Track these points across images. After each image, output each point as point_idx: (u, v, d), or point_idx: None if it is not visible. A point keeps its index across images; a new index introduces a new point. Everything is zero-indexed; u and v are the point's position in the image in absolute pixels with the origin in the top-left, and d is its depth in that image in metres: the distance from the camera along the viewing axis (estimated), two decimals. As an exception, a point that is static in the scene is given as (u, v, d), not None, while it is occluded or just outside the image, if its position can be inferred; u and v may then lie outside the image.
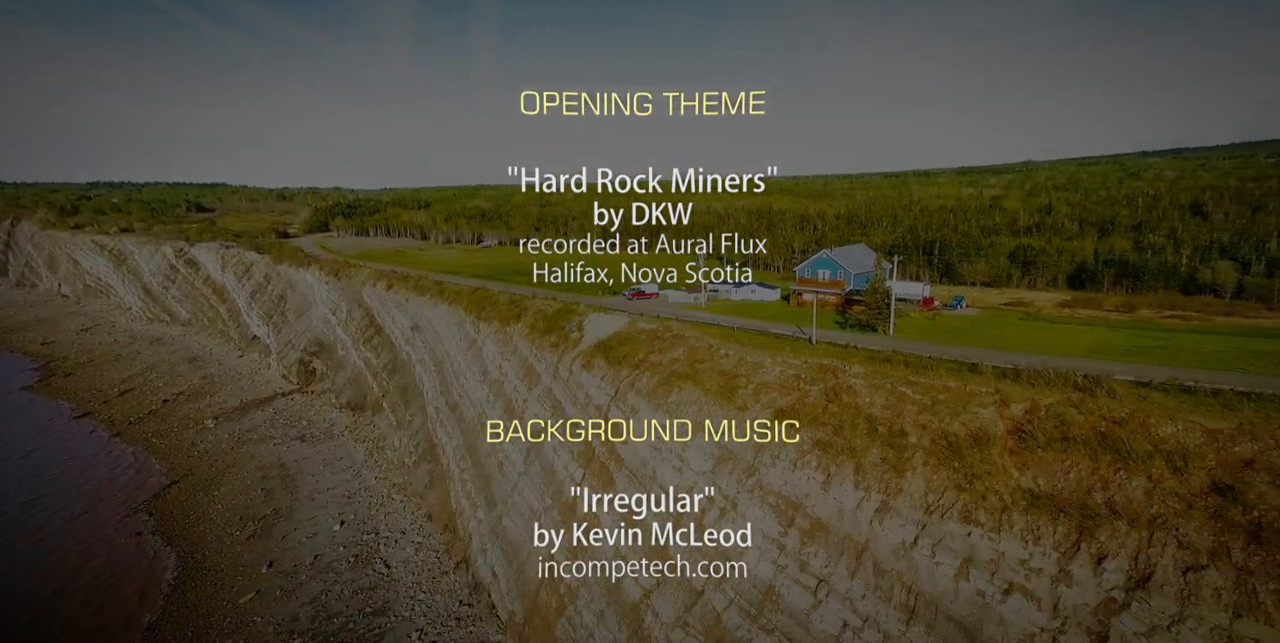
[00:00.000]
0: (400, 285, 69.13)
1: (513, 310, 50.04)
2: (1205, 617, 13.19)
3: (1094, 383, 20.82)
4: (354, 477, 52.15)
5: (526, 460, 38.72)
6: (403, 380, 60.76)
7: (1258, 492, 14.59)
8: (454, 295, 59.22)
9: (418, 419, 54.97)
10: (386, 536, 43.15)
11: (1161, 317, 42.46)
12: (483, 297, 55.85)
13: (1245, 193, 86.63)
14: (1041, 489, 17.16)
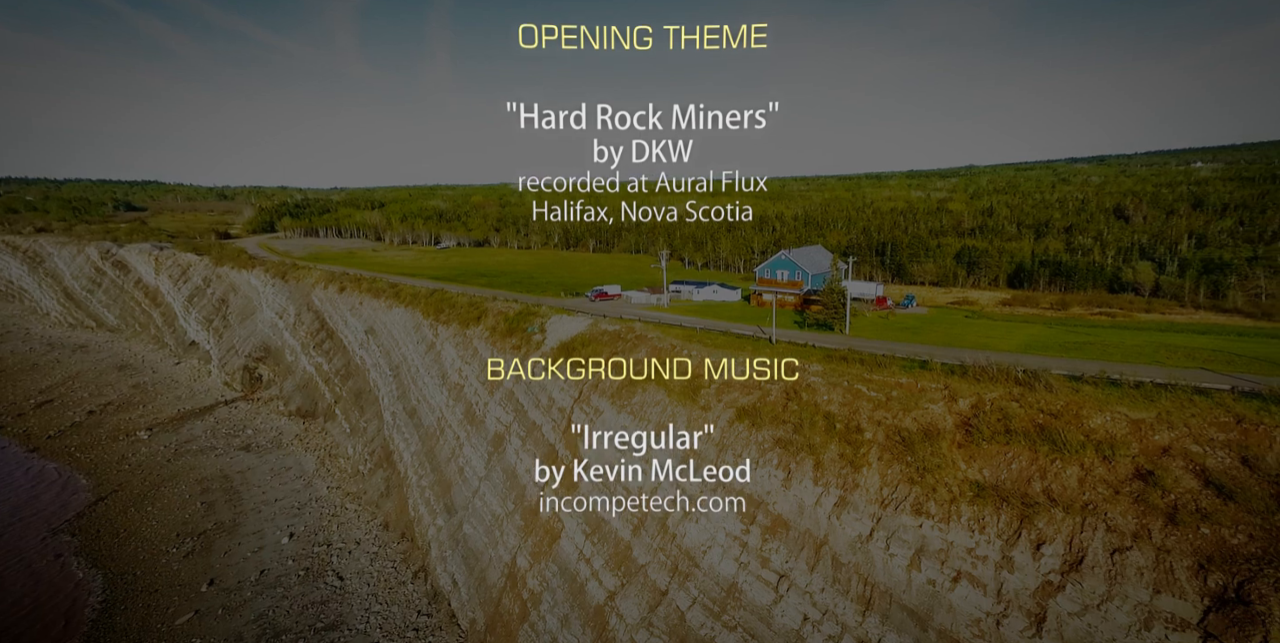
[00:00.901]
0: (353, 288, 66.60)
1: (473, 313, 48.98)
2: (1130, 595, 14.19)
3: (1033, 378, 22.03)
4: (304, 487, 49.87)
5: (488, 465, 37.97)
6: (357, 386, 58.53)
7: (1174, 476, 15.79)
8: (411, 298, 57.49)
9: (373, 425, 53.07)
10: (340, 546, 41.46)
11: (1090, 314, 45.43)
12: (441, 299, 54.44)
13: (1160, 198, 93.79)
14: (986, 480, 18.05)
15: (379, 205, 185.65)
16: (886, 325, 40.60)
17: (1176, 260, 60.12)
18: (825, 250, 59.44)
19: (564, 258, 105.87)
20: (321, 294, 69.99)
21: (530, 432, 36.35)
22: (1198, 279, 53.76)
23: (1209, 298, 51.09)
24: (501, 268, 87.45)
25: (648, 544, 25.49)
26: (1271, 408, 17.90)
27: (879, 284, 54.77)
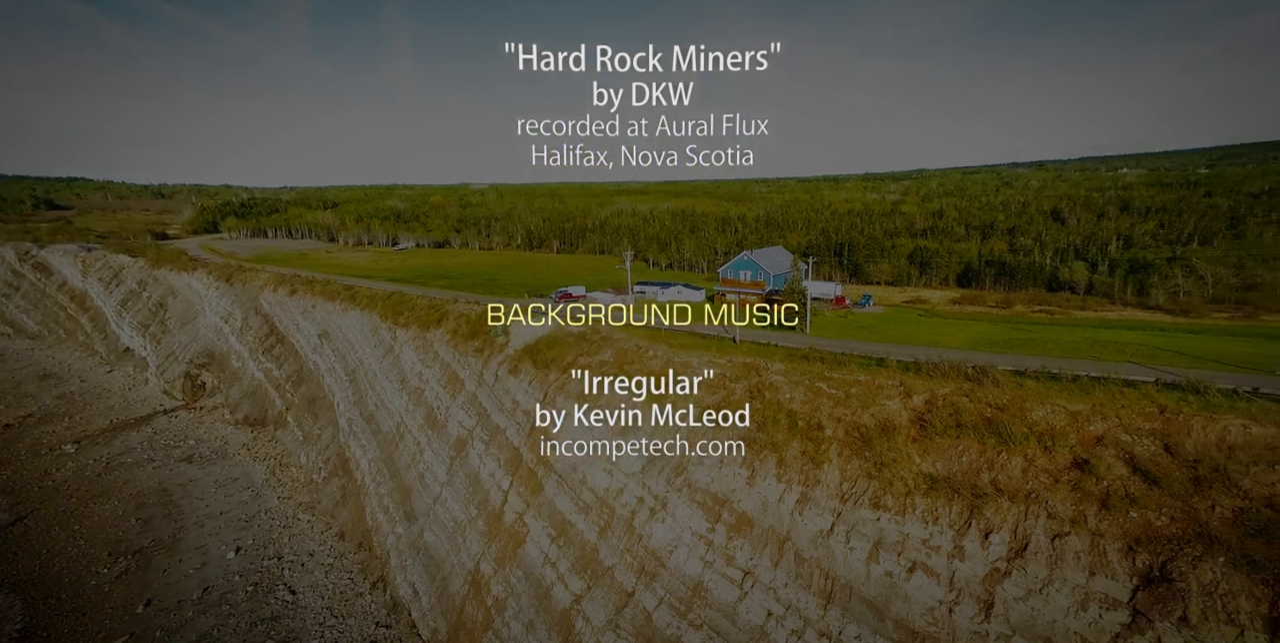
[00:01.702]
0: (306, 290, 63.95)
1: (433, 315, 47.79)
2: (1068, 578, 15.08)
3: (981, 373, 23.10)
4: (253, 498, 47.53)
5: (450, 471, 37.12)
6: (310, 392, 56.20)
7: (1106, 464, 16.86)
8: (367, 300, 55.63)
9: (328, 433, 51.07)
10: (291, 559, 39.69)
11: (1032, 311, 48.03)
12: (399, 301, 52.88)
13: (1092, 202, 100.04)
14: (939, 473, 18.81)
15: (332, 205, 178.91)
16: (845, 324, 41.80)
17: (1107, 260, 64.26)
18: (786, 251, 60.74)
19: (527, 259, 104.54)
20: (271, 297, 66.91)
21: (494, 435, 35.75)
22: (1125, 278, 57.61)
23: (1135, 296, 54.81)
24: (463, 269, 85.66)
25: (614, 546, 25.43)
26: (1189, 398, 19.34)
27: (838, 284, 56.39)
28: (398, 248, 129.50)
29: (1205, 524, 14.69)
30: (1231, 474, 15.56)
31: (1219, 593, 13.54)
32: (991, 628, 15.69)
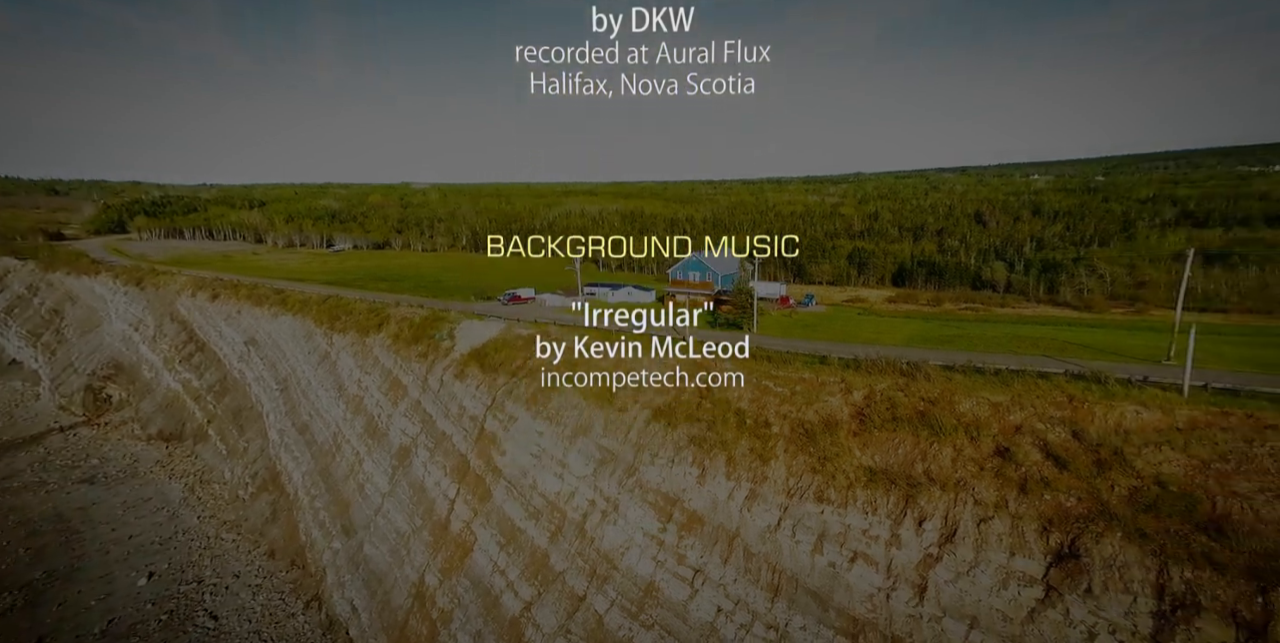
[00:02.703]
0: (230, 295, 59.65)
1: (373, 319, 45.70)
2: (992, 559, 16.21)
3: (914, 369, 24.41)
4: (168, 519, 43.84)
5: (392, 481, 35.62)
6: (235, 403, 52.45)
7: (1024, 451, 18.23)
8: (300, 305, 52.52)
9: (256, 445, 47.84)
10: (214, 583, 36.90)
11: (959, 309, 51.28)
12: (336, 305, 50.25)
13: (1009, 206, 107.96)
14: (878, 465, 19.74)
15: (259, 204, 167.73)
16: (790, 323, 43.14)
17: (1022, 261, 69.52)
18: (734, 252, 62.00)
19: (473, 260, 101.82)
20: (189, 302, 61.97)
21: (440, 442, 34.61)
22: (1038, 277, 62.50)
23: (1047, 293, 59.54)
24: (405, 271, 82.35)
25: (565, 550, 25.17)
26: (1092, 387, 21.19)
27: (782, 284, 58.13)
28: (333, 249, 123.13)
29: (1106, 503, 16.15)
30: (1127, 456, 17.17)
31: (1117, 565, 14.92)
32: (924, 611, 16.62)
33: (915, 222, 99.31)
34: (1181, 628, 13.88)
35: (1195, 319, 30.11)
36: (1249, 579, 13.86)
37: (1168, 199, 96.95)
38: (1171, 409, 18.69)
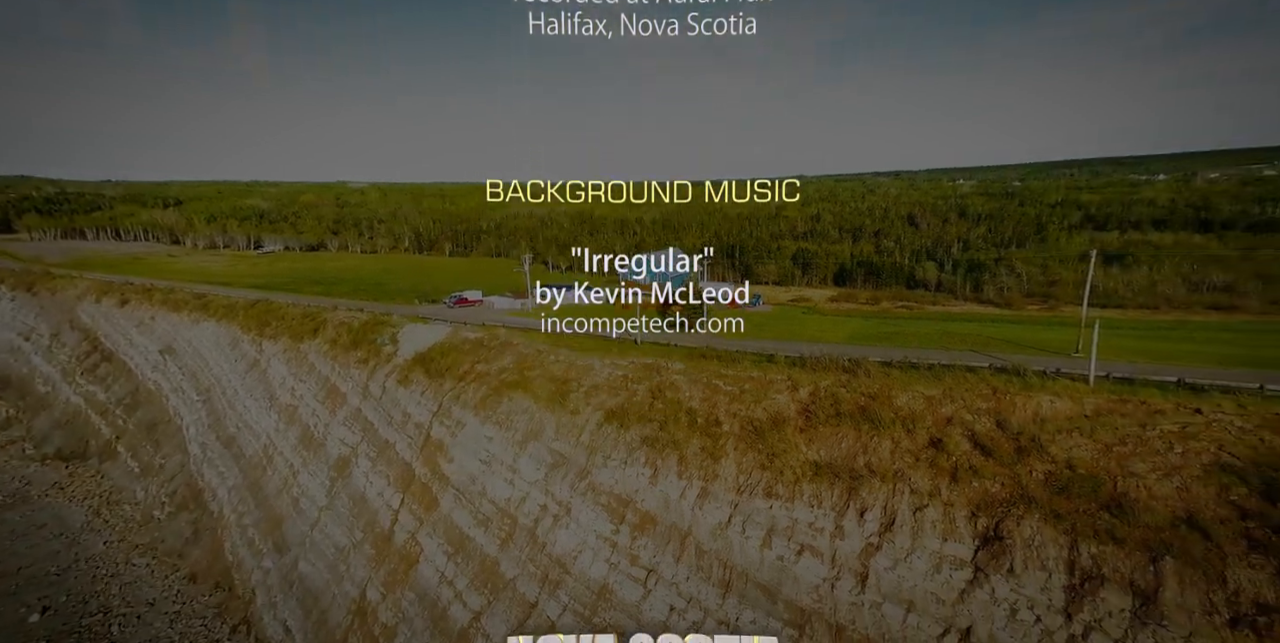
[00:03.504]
0: (142, 300, 54.93)
1: (308, 325, 43.28)
2: (927, 545, 17.21)
3: (856, 365, 25.49)
4: (66, 546, 39.84)
5: (330, 493, 33.86)
6: (149, 416, 48.36)
7: (955, 441, 19.44)
8: (225, 310, 49.06)
9: (174, 461, 44.31)
10: (123, 612, 33.85)
11: (895, 307, 54.07)
12: (265, 310, 47.25)
13: (938, 209, 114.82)
14: (822, 459, 20.51)
15: (175, 203, 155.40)
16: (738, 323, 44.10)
17: (951, 261, 74.11)
18: (683, 253, 62.75)
19: (417, 262, 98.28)
20: (93, 309, 56.63)
21: (382, 451, 33.21)
22: (965, 276, 66.81)
23: (972, 292, 63.71)
24: (342, 274, 78.42)
25: (516, 557, 24.75)
26: (1013, 379, 22.86)
27: (731, 285, 59.31)
28: (262, 251, 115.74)
29: (1025, 487, 17.46)
30: (1043, 443, 18.63)
31: (1035, 545, 16.18)
32: (866, 598, 17.43)
33: (854, 223, 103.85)
34: (1088, 599, 15.21)
35: (1098, 315, 33.02)
36: (1144, 551, 15.34)
37: (1074, 204, 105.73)
38: (1080, 398, 20.42)
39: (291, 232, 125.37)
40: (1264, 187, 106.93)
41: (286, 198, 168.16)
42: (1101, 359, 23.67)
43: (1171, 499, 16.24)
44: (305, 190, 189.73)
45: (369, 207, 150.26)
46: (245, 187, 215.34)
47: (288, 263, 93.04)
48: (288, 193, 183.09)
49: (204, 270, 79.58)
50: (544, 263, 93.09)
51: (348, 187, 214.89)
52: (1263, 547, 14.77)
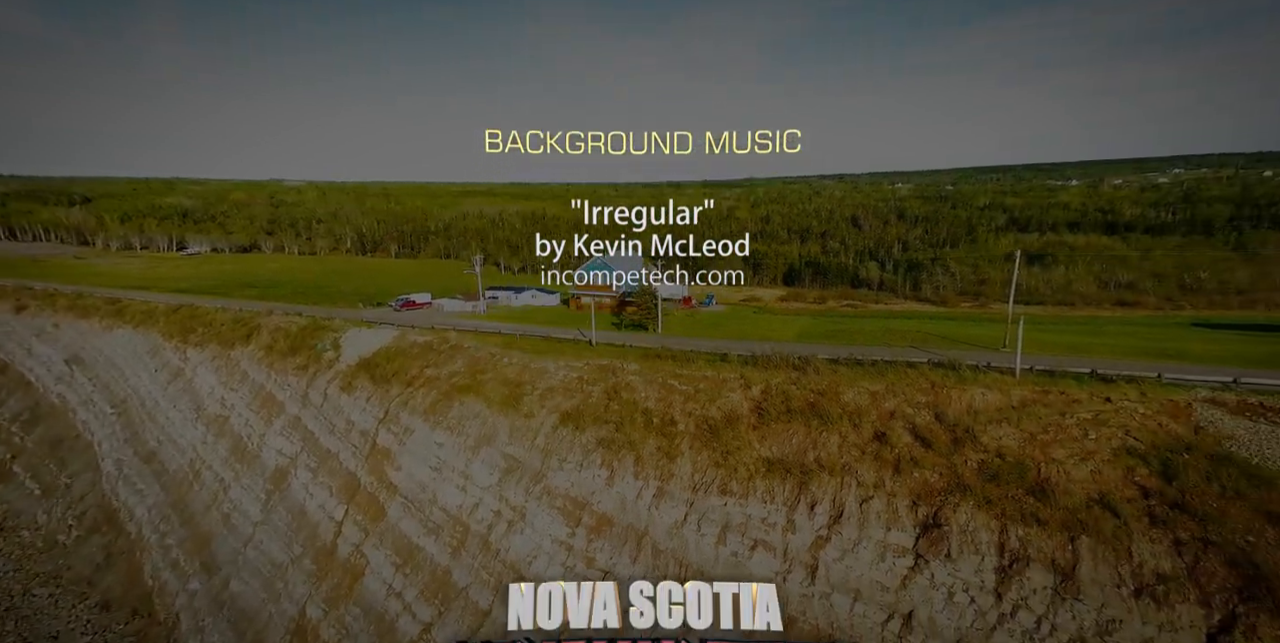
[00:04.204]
0: (44, 306, 50.13)
1: (239, 330, 40.69)
2: (872, 535, 17.97)
3: (805, 363, 26.27)
4: (-49, 582, 35.78)
5: (266, 507, 31.94)
6: (52, 432, 44.13)
7: (897, 435, 20.38)
8: (143, 316, 45.45)
9: (83, 480, 40.61)
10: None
11: (841, 306, 56.19)
12: (191, 316, 44.10)
13: (879, 211, 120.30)
14: (774, 456, 21.03)
15: (82, 200, 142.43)
16: (693, 323, 44.62)
17: (891, 261, 77.80)
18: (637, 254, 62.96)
19: (360, 264, 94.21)
20: (-16, 313, 51.10)
21: (324, 461, 31.63)
22: (904, 275, 70.30)
23: (911, 290, 67.14)
24: (278, 277, 74.11)
25: (469, 565, 24.14)
26: (949, 374, 24.17)
27: (685, 285, 59.93)
28: (186, 253, 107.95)
29: (960, 476, 18.52)
30: (976, 433, 19.81)
31: (969, 530, 17.19)
32: (816, 589, 18.02)
33: (801, 225, 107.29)
34: (1016, 579, 16.31)
35: (1023, 311, 35.44)
36: (1063, 531, 16.60)
37: (999, 207, 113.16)
38: (1008, 390, 21.83)
39: (220, 232, 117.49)
40: (1158, 192, 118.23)
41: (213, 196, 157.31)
42: (1026, 353, 25.39)
43: (1086, 482, 17.62)
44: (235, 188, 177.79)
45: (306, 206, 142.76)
46: (165, 184, 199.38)
47: (216, 265, 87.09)
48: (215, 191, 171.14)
49: (118, 273, 73.34)
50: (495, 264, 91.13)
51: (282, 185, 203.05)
52: (1162, 522, 16.27)
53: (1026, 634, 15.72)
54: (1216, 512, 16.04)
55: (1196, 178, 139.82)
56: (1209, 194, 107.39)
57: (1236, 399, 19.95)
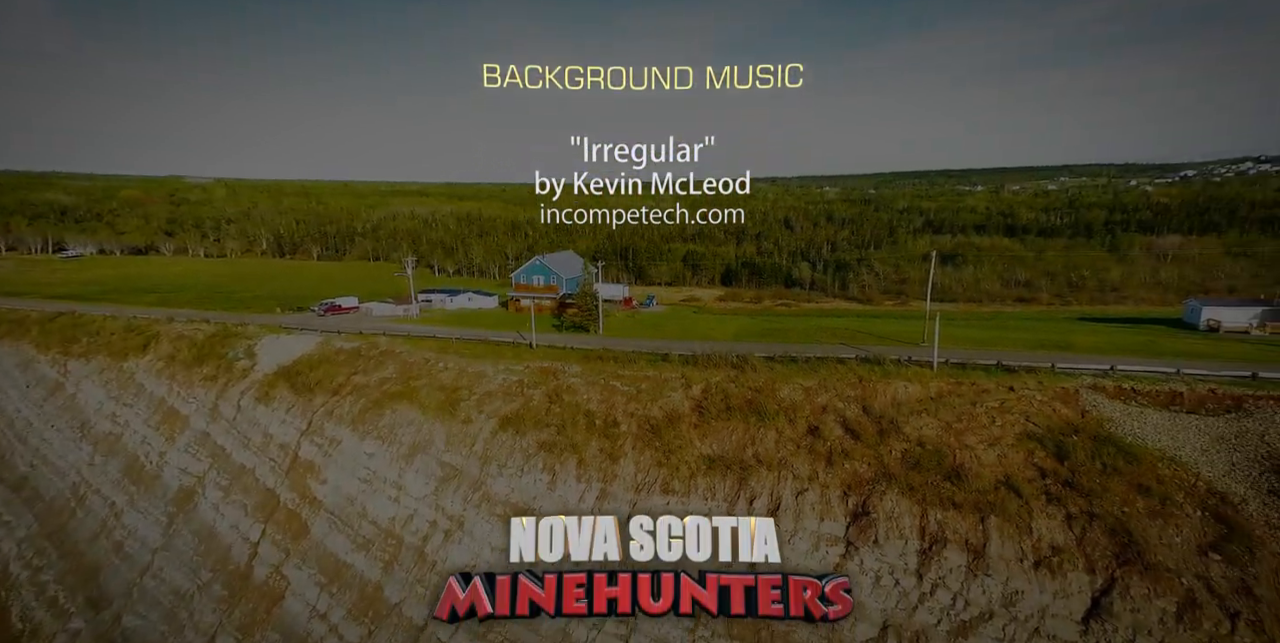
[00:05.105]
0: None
1: (134, 340, 36.92)
2: (807, 526, 18.76)
3: (743, 361, 26.98)
4: None
5: (168, 531, 29.08)
6: (-99, 460, 37.99)
7: (829, 428, 21.38)
8: (11, 326, 40.74)
9: (-57, 516, 35.23)
10: None
11: (776, 305, 58.32)
12: (72, 325, 39.48)
13: (810, 213, 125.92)
14: (715, 453, 21.46)
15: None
16: (634, 324, 44.74)
17: (822, 261, 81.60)
18: (577, 255, 62.37)
19: (278, 267, 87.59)
20: None
21: (237, 478, 29.21)
22: (833, 275, 73.94)
23: (840, 289, 70.73)
24: (181, 281, 67.59)
25: (402, 579, 23.05)
26: (875, 368, 25.61)
27: (625, 286, 60.08)
28: (65, 255, 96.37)
29: (886, 465, 19.70)
30: (899, 424, 21.13)
31: (894, 517, 18.34)
32: (754, 572, 18.50)
33: (737, 226, 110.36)
34: (935, 560, 17.56)
35: (939, 308, 38.13)
36: (975, 512, 18.03)
37: (917, 210, 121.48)
38: (926, 382, 23.43)
39: (108, 232, 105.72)
40: (1049, 198, 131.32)
41: (100, 193, 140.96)
42: (942, 347, 27.34)
43: (994, 465, 19.23)
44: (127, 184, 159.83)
45: (214, 205, 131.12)
46: (38, 178, 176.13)
47: (104, 269, 78.21)
48: (101, 188, 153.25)
49: (-22, 273, 64.20)
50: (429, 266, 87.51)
51: (184, 181, 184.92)
52: (1056, 499, 18.03)
53: (944, 611, 16.94)
54: (1099, 487, 17.96)
55: (1079, 185, 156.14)
56: (1089, 201, 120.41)
57: (1114, 385, 22.43)
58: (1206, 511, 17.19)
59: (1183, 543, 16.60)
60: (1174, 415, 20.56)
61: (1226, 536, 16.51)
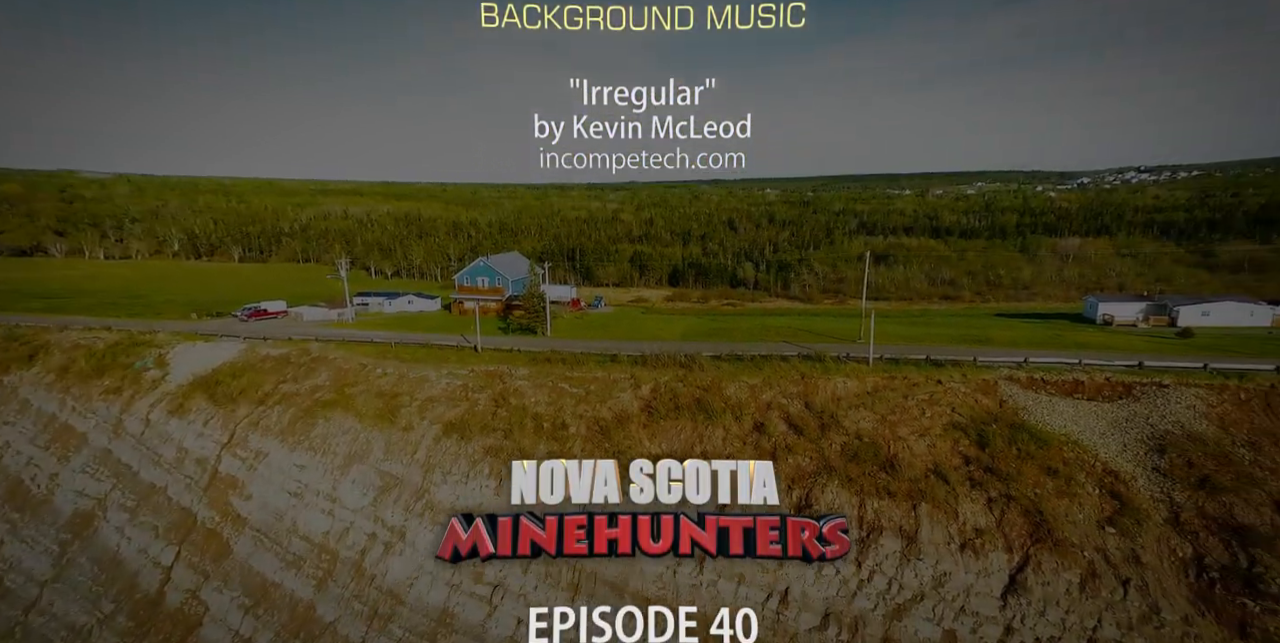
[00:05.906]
0: None
1: (16, 351, 33.38)
2: (759, 520, 19.14)
3: (691, 360, 27.30)
4: None
5: (61, 561, 26.24)
6: None
7: (774, 424, 22.00)
8: None
9: None
10: None
11: (722, 305, 59.48)
12: (-67, 328, 34.59)
13: (752, 215, 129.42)
14: (664, 452, 21.56)
15: None
16: (582, 325, 44.38)
17: (764, 261, 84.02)
18: (523, 257, 61.18)
19: (192, 270, 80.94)
20: None
21: (146, 498, 26.77)
22: (776, 275, 76.33)
23: (782, 289, 73.09)
24: (78, 285, 61.16)
25: (338, 596, 21.85)
26: (816, 365, 26.59)
27: (572, 287, 59.48)
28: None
29: (827, 459, 20.49)
30: (839, 418, 22.02)
31: (835, 507, 19.09)
32: (704, 579, 18.89)
33: (683, 227, 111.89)
34: (872, 548, 18.42)
35: (873, 306, 40.06)
36: (908, 500, 19.06)
37: (852, 213, 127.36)
38: (863, 377, 24.55)
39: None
40: (968, 202, 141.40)
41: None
42: (876, 343, 28.77)
43: (924, 455, 20.40)
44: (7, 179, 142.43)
45: (115, 202, 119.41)
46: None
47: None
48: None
49: None
50: (365, 269, 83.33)
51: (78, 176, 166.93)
52: (978, 484, 19.34)
53: (880, 596, 17.81)
54: (1015, 471, 19.43)
55: (994, 190, 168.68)
56: (1003, 204, 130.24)
57: (1026, 376, 24.34)
58: (1103, 488, 18.94)
59: (1084, 519, 18.21)
60: (1076, 403, 22.54)
61: (1120, 510, 18.26)
